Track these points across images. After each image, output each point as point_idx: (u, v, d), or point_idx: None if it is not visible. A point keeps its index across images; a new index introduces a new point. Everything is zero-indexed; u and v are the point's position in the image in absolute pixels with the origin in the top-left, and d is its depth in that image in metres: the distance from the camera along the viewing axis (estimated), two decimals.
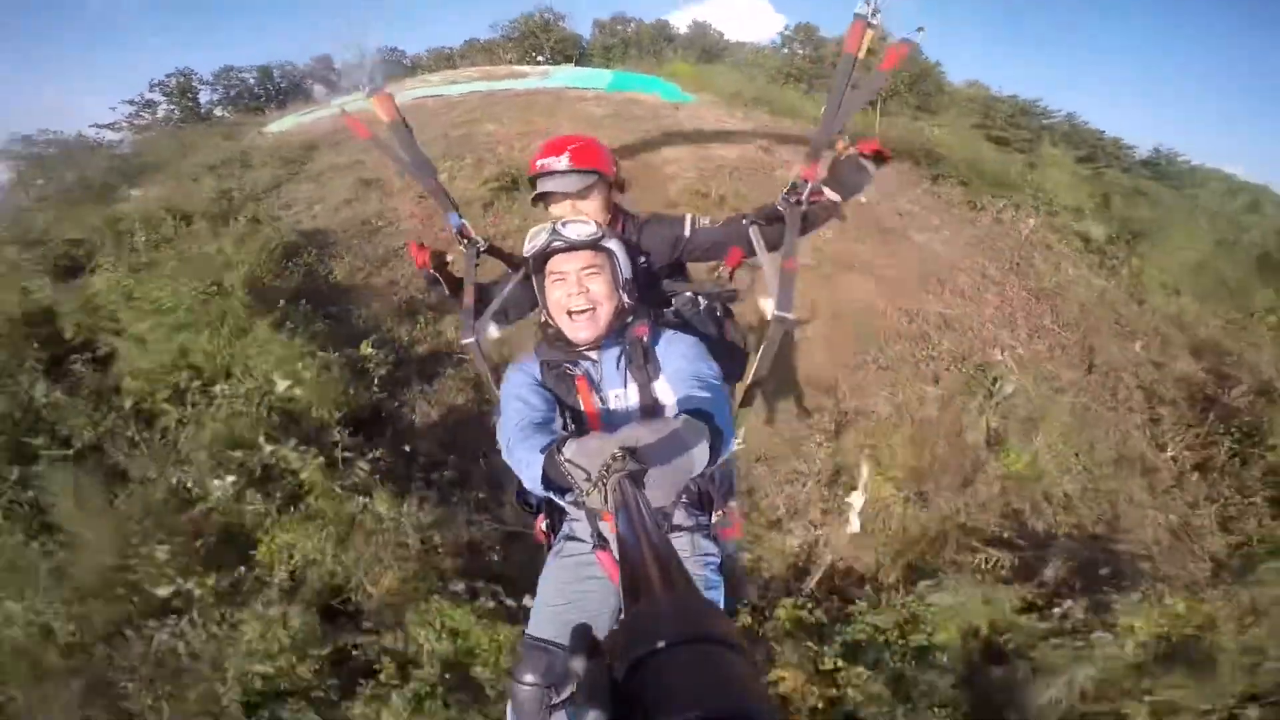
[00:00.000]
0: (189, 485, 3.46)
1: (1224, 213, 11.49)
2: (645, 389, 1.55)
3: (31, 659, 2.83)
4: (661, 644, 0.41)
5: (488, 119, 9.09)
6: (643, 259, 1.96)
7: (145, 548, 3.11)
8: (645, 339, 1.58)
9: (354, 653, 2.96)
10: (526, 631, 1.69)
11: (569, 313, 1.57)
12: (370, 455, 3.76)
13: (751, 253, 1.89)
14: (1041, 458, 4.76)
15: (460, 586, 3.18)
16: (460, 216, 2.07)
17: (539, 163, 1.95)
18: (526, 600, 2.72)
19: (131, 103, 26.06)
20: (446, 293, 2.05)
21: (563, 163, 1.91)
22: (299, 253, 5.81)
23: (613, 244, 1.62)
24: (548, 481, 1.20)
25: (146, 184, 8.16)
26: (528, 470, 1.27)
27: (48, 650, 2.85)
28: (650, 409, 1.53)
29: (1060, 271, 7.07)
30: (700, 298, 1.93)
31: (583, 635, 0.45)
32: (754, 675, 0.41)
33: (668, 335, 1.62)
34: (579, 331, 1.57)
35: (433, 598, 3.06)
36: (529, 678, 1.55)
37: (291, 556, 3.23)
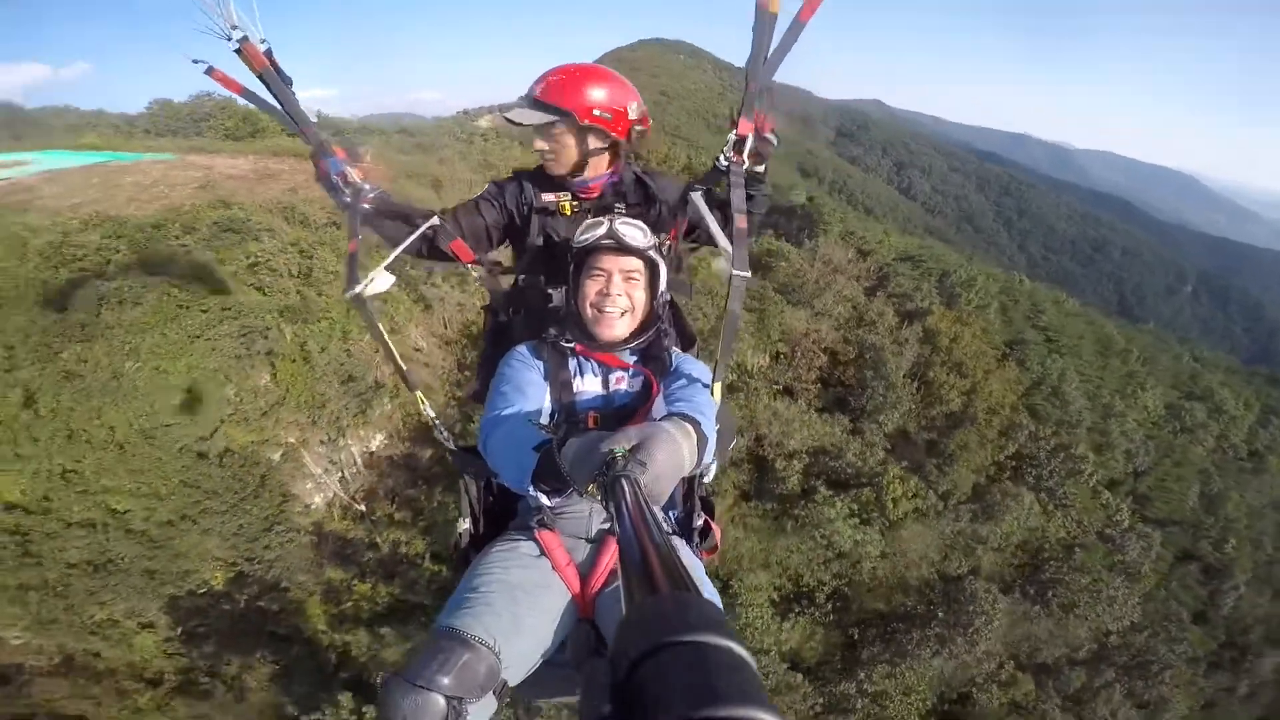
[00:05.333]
0: None
1: None
2: (647, 387, 1.57)
3: None
4: (663, 642, 0.41)
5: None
6: (654, 210, 1.96)
7: None
8: (667, 343, 1.64)
9: None
10: (441, 622, 1.29)
11: (600, 309, 1.58)
12: None
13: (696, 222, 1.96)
14: None
15: None
16: (342, 161, 1.82)
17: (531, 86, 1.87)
18: None
19: None
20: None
21: (532, 90, 1.84)
22: None
23: (658, 257, 1.64)
24: (541, 479, 1.19)
25: None
26: (517, 468, 1.24)
27: None
28: (646, 408, 1.54)
29: None
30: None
31: (584, 636, 0.44)
32: (755, 674, 0.40)
33: (686, 356, 1.69)
34: (606, 329, 1.59)
35: None
36: (444, 680, 1.15)
37: None
